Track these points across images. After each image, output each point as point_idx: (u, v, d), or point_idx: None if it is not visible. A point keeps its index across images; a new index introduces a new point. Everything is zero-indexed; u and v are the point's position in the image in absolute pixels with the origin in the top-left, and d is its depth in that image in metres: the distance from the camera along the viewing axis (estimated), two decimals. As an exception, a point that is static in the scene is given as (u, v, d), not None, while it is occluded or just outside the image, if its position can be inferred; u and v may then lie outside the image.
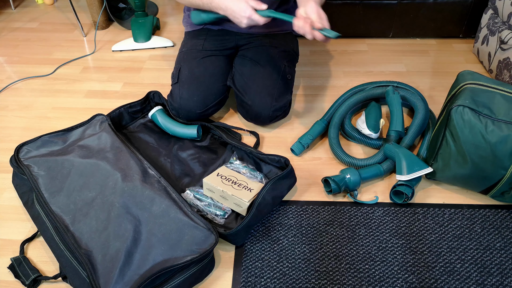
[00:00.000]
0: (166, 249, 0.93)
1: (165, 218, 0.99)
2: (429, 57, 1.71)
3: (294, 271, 0.98)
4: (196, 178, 1.19)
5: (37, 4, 2.22)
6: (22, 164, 1.13)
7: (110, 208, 1.00)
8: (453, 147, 1.05)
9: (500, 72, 1.48)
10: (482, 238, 1.04)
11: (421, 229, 1.06)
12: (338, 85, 1.57)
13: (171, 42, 1.83)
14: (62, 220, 1.00)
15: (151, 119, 1.36)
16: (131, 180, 1.06)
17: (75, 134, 1.25)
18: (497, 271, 0.97)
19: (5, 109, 1.50)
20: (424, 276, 0.96)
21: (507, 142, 0.97)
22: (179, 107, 1.29)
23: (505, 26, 1.47)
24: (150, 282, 0.86)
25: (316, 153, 1.29)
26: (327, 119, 1.35)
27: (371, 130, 1.25)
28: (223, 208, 1.09)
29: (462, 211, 1.10)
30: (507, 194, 1.07)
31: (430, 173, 1.15)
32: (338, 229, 1.07)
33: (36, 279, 0.95)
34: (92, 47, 1.84)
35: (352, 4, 1.71)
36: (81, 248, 0.94)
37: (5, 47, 1.85)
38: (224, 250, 1.03)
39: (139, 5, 1.81)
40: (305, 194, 1.16)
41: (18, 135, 1.38)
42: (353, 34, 1.82)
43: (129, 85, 1.60)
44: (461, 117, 1.01)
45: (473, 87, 1.06)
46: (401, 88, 1.36)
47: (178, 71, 1.33)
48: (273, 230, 1.07)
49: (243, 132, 1.36)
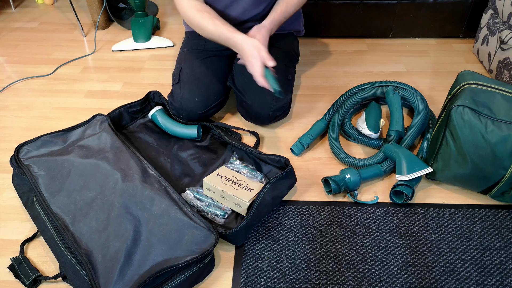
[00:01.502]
0: (166, 249, 0.93)
1: (165, 218, 0.99)
2: (429, 57, 1.71)
3: (294, 271, 0.98)
4: (196, 178, 1.19)
5: (37, 4, 2.22)
6: (22, 164, 1.13)
7: (110, 208, 1.00)
8: (453, 147, 1.05)
9: (500, 72, 1.48)
10: (482, 238, 1.04)
11: (421, 229, 1.06)
12: (338, 85, 1.57)
13: (171, 42, 1.83)
14: (62, 220, 1.00)
15: (151, 119, 1.36)
16: (131, 180, 1.06)
17: (75, 134, 1.25)
18: (497, 271, 0.97)
19: (5, 109, 1.50)
20: (424, 276, 0.96)
21: (507, 142, 0.97)
22: (180, 107, 1.29)
23: (505, 26, 1.47)
24: (150, 282, 0.86)
25: (316, 153, 1.29)
26: (327, 119, 1.35)
27: (371, 130, 1.25)
28: (223, 208, 1.09)
29: (462, 211, 1.10)
30: (507, 194, 1.07)
31: (430, 173, 1.15)
32: (338, 229, 1.07)
33: (36, 279, 0.95)
34: (92, 47, 1.84)
35: (352, 4, 1.71)
36: (81, 248, 0.94)
37: (5, 47, 1.85)
38: (224, 250, 1.03)
39: (139, 5, 1.81)
40: (305, 194, 1.16)
41: (18, 135, 1.38)
42: (353, 34, 1.82)
43: (129, 85, 1.60)
44: (461, 117, 1.01)
45: (473, 87, 1.06)
46: (401, 88, 1.36)
47: (179, 71, 1.33)
48: (273, 230, 1.07)
49: (243, 132, 1.36)
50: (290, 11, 1.24)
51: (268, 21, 1.21)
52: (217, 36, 1.17)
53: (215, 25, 1.17)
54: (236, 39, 1.13)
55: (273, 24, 1.21)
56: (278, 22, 1.23)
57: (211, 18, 1.17)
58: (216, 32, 1.17)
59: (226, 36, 1.15)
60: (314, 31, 1.81)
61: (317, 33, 1.83)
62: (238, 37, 1.13)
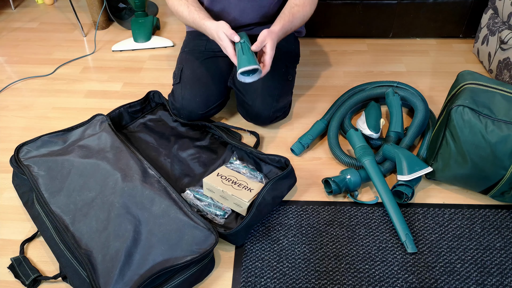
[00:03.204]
0: (166, 249, 0.93)
1: (165, 218, 0.99)
2: (429, 57, 1.71)
3: (294, 271, 0.98)
4: (196, 178, 1.19)
5: (37, 4, 2.22)
6: (22, 164, 1.13)
7: (110, 208, 1.00)
8: (453, 147, 1.05)
9: (500, 72, 1.48)
10: (482, 238, 1.04)
11: (421, 229, 1.06)
12: (338, 85, 1.57)
13: (171, 42, 1.83)
14: (62, 220, 1.00)
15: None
16: (131, 180, 1.06)
17: (75, 134, 1.25)
18: (497, 271, 0.97)
19: (5, 109, 1.50)
20: (424, 276, 0.96)
21: (507, 142, 0.97)
22: (181, 107, 1.29)
23: (505, 26, 1.47)
24: (150, 282, 0.86)
25: (316, 153, 1.29)
26: (327, 119, 1.35)
27: (372, 130, 1.25)
28: (223, 208, 1.09)
29: (462, 211, 1.10)
30: (507, 194, 1.07)
31: (430, 173, 1.15)
32: (338, 229, 1.07)
33: (36, 279, 0.95)
34: (92, 47, 1.84)
35: (352, 4, 1.71)
36: (81, 248, 0.94)
37: (5, 47, 1.85)
38: (224, 250, 1.03)
39: (139, 5, 1.81)
40: (305, 194, 1.16)
41: (18, 135, 1.38)
42: (353, 34, 1.82)
43: (129, 85, 1.60)
44: (461, 117, 1.01)
45: (473, 87, 1.06)
46: (401, 88, 1.36)
47: (180, 71, 1.33)
48: (273, 230, 1.07)
49: (243, 132, 1.36)
50: (296, 23, 1.23)
51: (278, 28, 1.17)
52: (192, 23, 1.20)
53: (190, 12, 1.19)
54: (205, 26, 1.15)
55: (282, 31, 1.19)
56: (285, 31, 1.22)
57: (187, 4, 1.20)
58: (190, 18, 1.19)
59: (198, 23, 1.17)
60: (314, 31, 1.81)
61: (317, 33, 1.83)
62: (206, 24, 1.14)
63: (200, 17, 1.17)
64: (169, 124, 1.37)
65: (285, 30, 1.20)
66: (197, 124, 1.33)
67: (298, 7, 1.22)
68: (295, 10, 1.22)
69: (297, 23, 1.23)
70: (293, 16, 1.21)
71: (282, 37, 1.21)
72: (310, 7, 1.24)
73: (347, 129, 1.31)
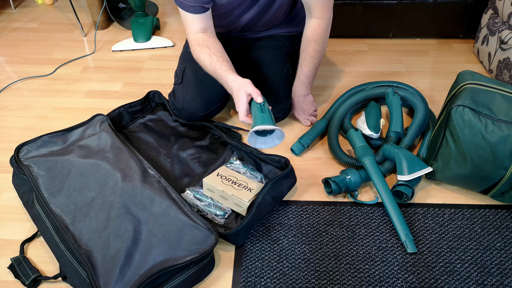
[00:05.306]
0: (166, 249, 0.93)
1: (165, 218, 0.99)
2: (429, 57, 1.71)
3: (294, 271, 0.98)
4: (196, 178, 1.19)
5: (37, 4, 2.22)
6: (22, 164, 1.13)
7: (110, 208, 1.00)
8: (453, 147, 1.05)
9: (500, 72, 1.48)
10: (482, 238, 1.04)
11: (421, 229, 1.06)
12: (338, 85, 1.57)
13: (171, 42, 1.83)
14: (62, 220, 1.00)
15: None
16: (131, 180, 1.06)
17: (75, 134, 1.25)
18: (497, 271, 0.97)
19: (5, 109, 1.50)
20: (424, 276, 0.96)
21: (507, 142, 0.97)
22: (181, 108, 1.29)
23: (505, 26, 1.47)
24: (150, 282, 0.86)
25: (316, 153, 1.29)
26: (327, 119, 1.35)
27: (372, 130, 1.25)
28: (223, 208, 1.09)
29: (462, 211, 1.10)
30: (507, 194, 1.07)
31: (430, 173, 1.15)
32: (338, 229, 1.07)
33: (36, 279, 0.95)
34: (92, 47, 1.84)
35: (352, 4, 1.71)
36: (81, 248, 0.94)
37: (5, 47, 1.85)
38: (224, 250, 1.03)
39: (139, 5, 1.81)
40: (305, 194, 1.16)
41: (18, 135, 1.38)
42: (353, 34, 1.82)
43: (129, 85, 1.60)
44: (461, 117, 1.01)
45: (473, 87, 1.06)
46: (401, 88, 1.36)
47: (182, 71, 1.33)
48: (273, 230, 1.07)
49: (243, 132, 1.36)
50: (317, 64, 1.28)
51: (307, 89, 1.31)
52: (212, 73, 1.15)
53: (211, 62, 1.14)
54: (227, 79, 1.10)
55: (310, 86, 1.32)
56: (311, 80, 1.30)
57: (209, 54, 1.15)
58: (211, 68, 1.14)
59: (219, 74, 1.12)
60: (314, 31, 1.81)
61: (317, 33, 1.82)
62: (229, 77, 1.10)
63: (223, 68, 1.12)
64: (169, 124, 1.37)
65: (311, 79, 1.29)
66: (197, 124, 1.33)
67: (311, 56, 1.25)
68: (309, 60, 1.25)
69: (317, 63, 1.27)
70: (315, 67, 1.27)
71: (311, 84, 1.32)
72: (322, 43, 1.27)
73: (347, 129, 1.31)
